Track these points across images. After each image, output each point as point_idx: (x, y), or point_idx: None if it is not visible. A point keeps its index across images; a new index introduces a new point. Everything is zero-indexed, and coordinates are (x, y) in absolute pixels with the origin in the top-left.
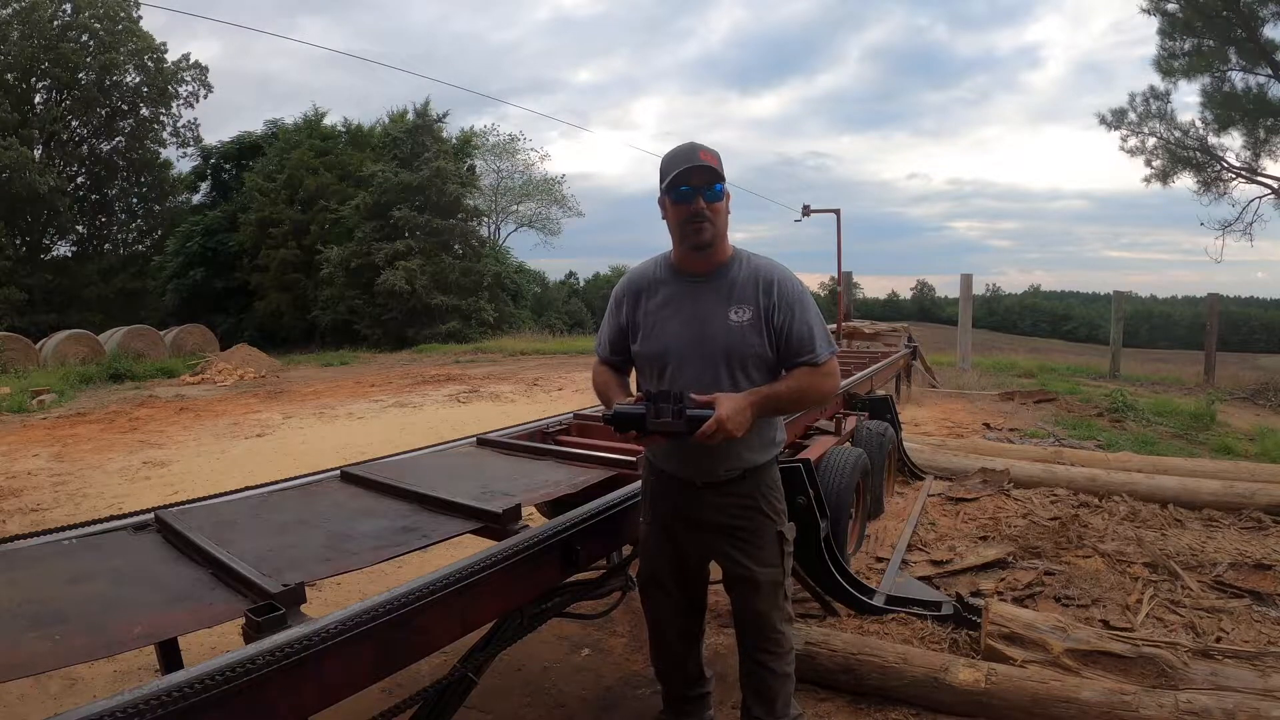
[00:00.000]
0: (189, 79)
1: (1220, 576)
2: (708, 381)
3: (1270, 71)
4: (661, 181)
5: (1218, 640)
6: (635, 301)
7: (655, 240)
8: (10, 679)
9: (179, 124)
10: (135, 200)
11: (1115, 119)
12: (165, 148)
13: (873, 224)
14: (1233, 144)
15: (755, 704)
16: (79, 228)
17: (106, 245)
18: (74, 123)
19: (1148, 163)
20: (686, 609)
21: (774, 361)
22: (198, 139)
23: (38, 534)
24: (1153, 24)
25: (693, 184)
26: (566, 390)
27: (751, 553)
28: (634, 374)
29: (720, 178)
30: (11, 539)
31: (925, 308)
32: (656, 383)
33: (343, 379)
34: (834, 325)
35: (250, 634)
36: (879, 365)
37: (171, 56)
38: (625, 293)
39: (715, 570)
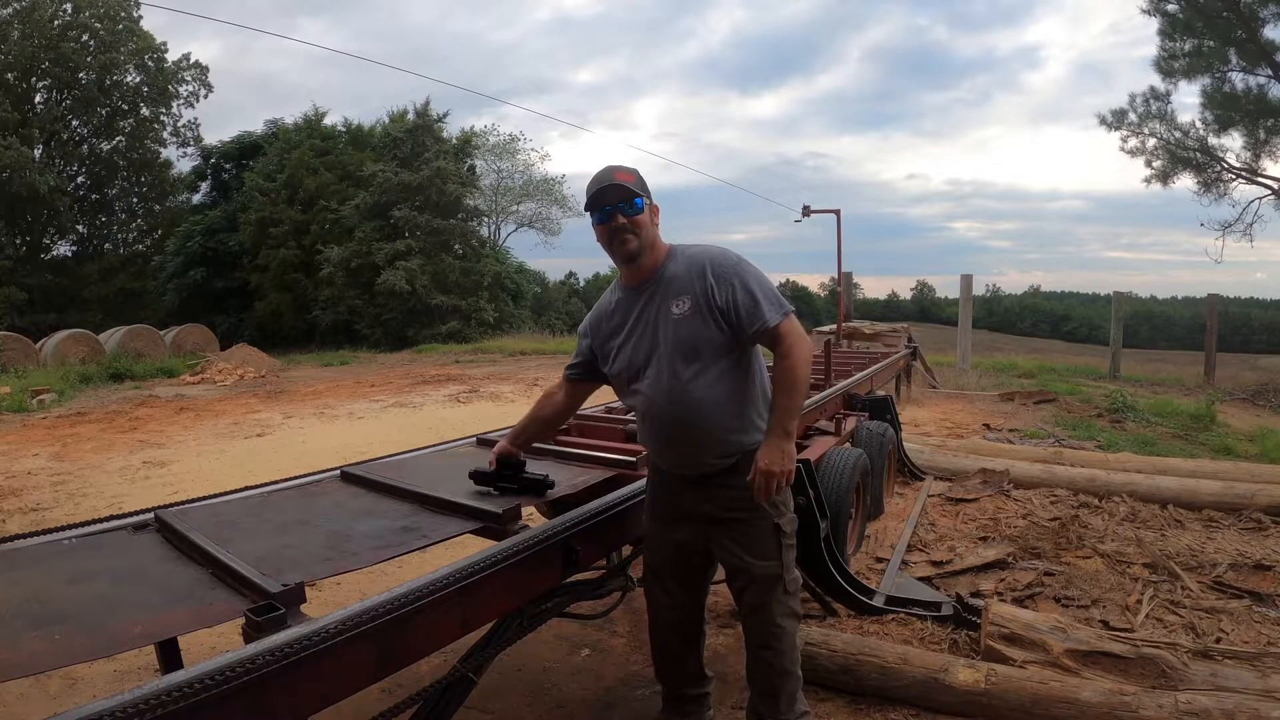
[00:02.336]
0: (189, 79)
1: (1220, 577)
2: (666, 379)
3: (1270, 72)
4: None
5: (1217, 641)
6: (596, 333)
7: None
8: (10, 679)
9: (179, 124)
10: (135, 200)
11: (1115, 119)
12: (165, 147)
13: (872, 224)
14: (1233, 145)
15: (760, 701)
16: (79, 227)
17: (106, 245)
18: (74, 122)
19: (1148, 163)
20: (688, 606)
21: (729, 342)
22: (198, 139)
23: (38, 534)
24: (1153, 25)
25: (610, 203)
26: None
27: (747, 545)
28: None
29: (637, 193)
30: (11, 539)
31: (925, 308)
32: (627, 393)
33: (343, 379)
34: (834, 325)
35: (250, 634)
36: (879, 366)
37: (172, 56)
38: (587, 327)
39: (718, 569)
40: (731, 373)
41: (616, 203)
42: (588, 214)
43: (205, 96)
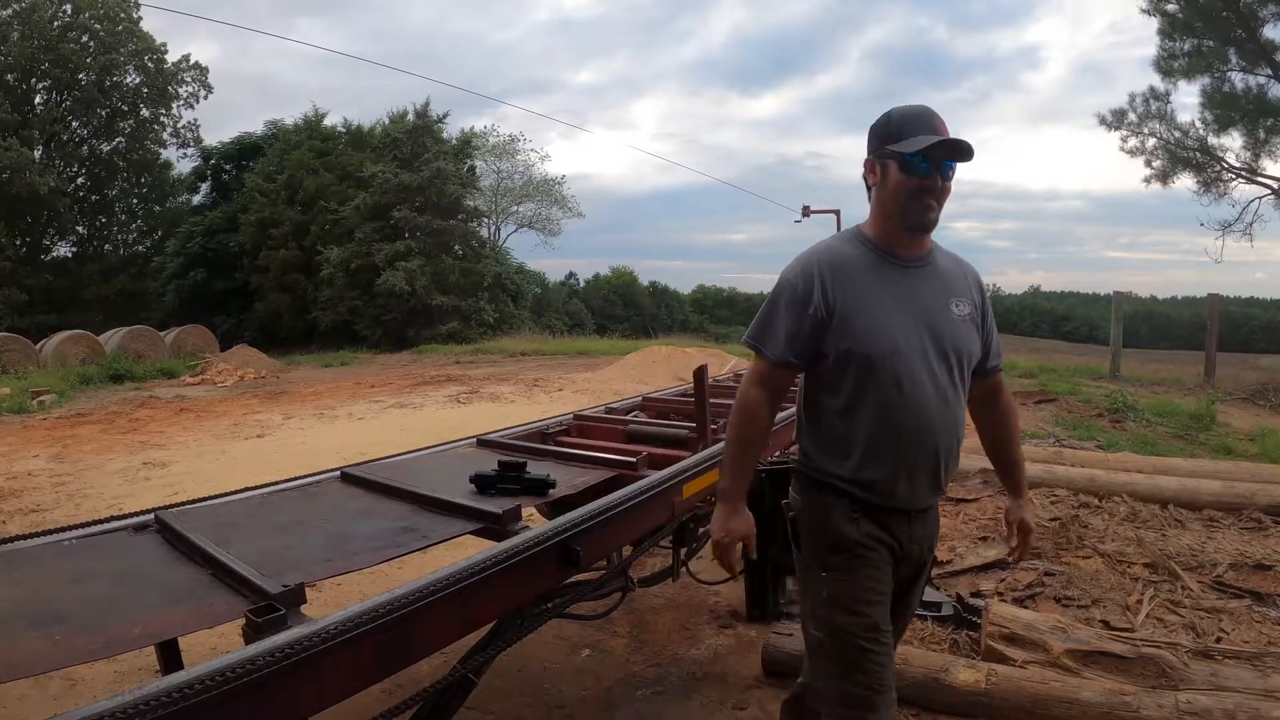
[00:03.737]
0: (189, 80)
1: (1220, 577)
2: (944, 383)
3: (1270, 72)
4: (883, 142)
5: (1218, 641)
6: (834, 285)
7: (656, 240)
8: (10, 679)
9: (179, 125)
10: (135, 201)
11: (1115, 119)
12: (165, 148)
13: None
14: (1233, 144)
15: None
16: (79, 228)
17: (107, 246)
18: (74, 123)
19: (1148, 163)
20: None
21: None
22: (198, 140)
23: (38, 534)
24: (1152, 24)
25: (938, 156)
26: (566, 391)
27: (920, 592)
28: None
29: (968, 158)
30: (11, 539)
31: None
32: (854, 391)
33: (343, 380)
34: None
35: (250, 634)
36: None
37: (171, 57)
38: (820, 273)
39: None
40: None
41: (944, 159)
42: (889, 147)
43: (205, 97)
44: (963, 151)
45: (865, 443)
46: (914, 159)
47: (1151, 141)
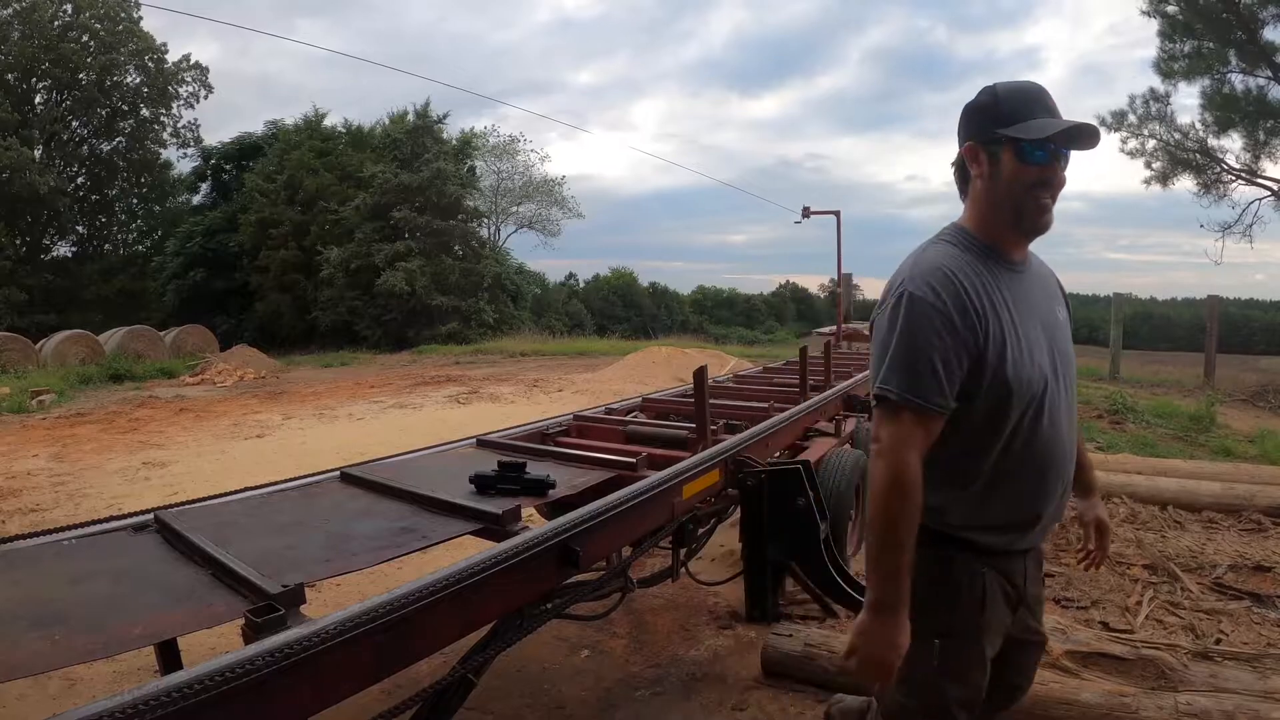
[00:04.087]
0: (189, 79)
1: (1220, 578)
2: (1072, 408)
3: (1270, 73)
4: (992, 124)
5: (1217, 642)
6: (980, 301)
7: (656, 241)
8: (10, 679)
9: (179, 124)
10: (135, 201)
11: (1115, 121)
12: (165, 148)
13: (872, 226)
14: (1232, 146)
15: None
16: (79, 228)
17: (107, 246)
18: (74, 123)
19: (1148, 165)
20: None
21: None
22: (198, 140)
23: (37, 534)
24: (1152, 26)
25: (1064, 145)
26: (566, 392)
27: (1040, 611)
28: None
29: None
30: (11, 539)
31: None
32: (1000, 429)
33: (342, 380)
34: (834, 327)
35: (250, 635)
36: None
37: (171, 57)
38: (964, 289)
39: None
40: None
41: (1063, 146)
42: (1003, 131)
43: (205, 97)
44: (1091, 137)
45: (1014, 486)
46: (1031, 146)
47: (1151, 143)
